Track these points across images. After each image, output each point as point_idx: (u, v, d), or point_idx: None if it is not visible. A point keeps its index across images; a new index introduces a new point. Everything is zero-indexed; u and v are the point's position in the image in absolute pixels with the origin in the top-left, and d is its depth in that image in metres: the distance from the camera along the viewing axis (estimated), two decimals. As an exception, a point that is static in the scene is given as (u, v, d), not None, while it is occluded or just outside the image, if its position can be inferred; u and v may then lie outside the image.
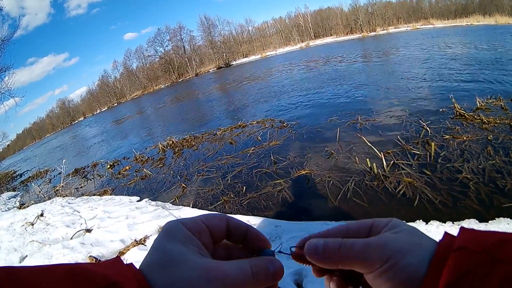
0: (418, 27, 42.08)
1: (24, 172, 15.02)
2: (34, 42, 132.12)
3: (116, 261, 0.26)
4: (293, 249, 0.33)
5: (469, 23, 33.82)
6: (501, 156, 3.04)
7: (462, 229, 0.26)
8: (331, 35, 57.21)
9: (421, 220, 2.35)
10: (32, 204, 6.37)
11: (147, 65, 64.72)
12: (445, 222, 2.28)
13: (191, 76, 59.07)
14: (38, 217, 4.60)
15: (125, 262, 0.26)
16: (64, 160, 8.31)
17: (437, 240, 0.28)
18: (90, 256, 2.95)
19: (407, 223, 0.31)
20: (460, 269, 0.22)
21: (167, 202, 4.11)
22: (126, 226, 3.38)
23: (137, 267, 0.26)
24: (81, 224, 3.89)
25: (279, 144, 5.05)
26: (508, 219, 2.18)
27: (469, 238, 0.25)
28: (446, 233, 0.27)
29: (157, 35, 63.00)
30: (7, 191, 10.20)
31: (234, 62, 58.72)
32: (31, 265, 0.22)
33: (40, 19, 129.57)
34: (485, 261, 0.22)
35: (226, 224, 0.31)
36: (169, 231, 0.28)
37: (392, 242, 0.27)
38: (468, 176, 2.84)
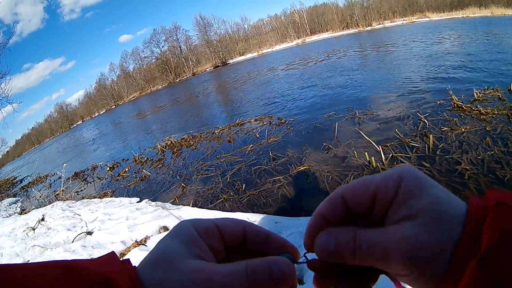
0: (414, 20, 41.98)
1: (24, 177, 15.00)
2: (29, 48, 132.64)
3: (111, 257, 0.26)
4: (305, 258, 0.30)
5: (465, 15, 33.75)
6: (499, 146, 3.04)
7: (488, 191, 0.23)
8: (327, 31, 57.14)
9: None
10: (33, 209, 6.38)
11: (144, 66, 64.74)
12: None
13: (188, 76, 59.03)
14: (39, 222, 4.60)
15: (121, 259, 0.26)
16: (64, 165, 8.31)
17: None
18: (92, 258, 2.95)
19: (419, 180, 0.25)
20: (504, 226, 0.20)
21: (167, 202, 4.10)
22: (126, 227, 3.38)
23: (134, 264, 0.25)
24: (82, 227, 3.90)
25: (277, 141, 5.04)
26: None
27: (504, 195, 0.22)
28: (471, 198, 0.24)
29: (153, 36, 63.06)
30: (8, 197, 10.20)
31: (230, 61, 58.67)
32: (25, 263, 0.22)
33: (34, 25, 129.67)
34: None
35: (242, 229, 0.29)
36: (177, 229, 0.28)
37: (414, 243, 0.23)
38: (467, 167, 2.83)
